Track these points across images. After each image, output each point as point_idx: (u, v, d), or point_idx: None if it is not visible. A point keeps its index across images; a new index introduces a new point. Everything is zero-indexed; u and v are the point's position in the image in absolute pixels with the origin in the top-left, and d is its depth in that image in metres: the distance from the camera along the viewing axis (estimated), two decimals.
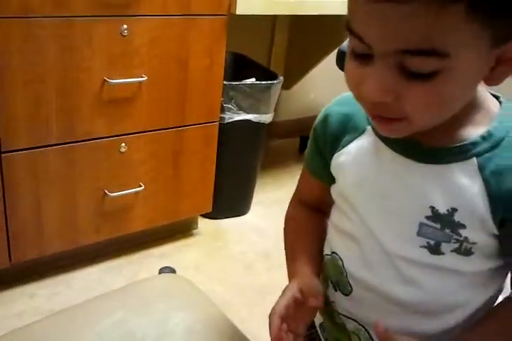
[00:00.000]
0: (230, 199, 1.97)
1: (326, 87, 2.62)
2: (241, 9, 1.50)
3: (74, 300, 1.19)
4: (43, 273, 1.58)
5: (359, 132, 0.65)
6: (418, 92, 0.49)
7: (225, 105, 1.72)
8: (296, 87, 2.49)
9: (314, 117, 0.72)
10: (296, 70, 2.46)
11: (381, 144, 0.62)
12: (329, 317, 0.72)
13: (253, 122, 1.82)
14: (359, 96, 0.54)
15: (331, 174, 0.69)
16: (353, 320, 0.68)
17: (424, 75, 0.48)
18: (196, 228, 1.91)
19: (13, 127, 1.29)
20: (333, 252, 0.70)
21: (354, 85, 0.54)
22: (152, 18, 1.39)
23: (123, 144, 1.48)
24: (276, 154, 2.55)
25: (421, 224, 0.59)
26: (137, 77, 1.42)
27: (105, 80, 1.37)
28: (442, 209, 0.57)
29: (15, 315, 1.43)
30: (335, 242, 0.70)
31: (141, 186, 1.57)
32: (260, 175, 2.06)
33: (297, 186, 0.80)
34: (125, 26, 1.35)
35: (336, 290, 0.69)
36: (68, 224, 1.49)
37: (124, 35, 1.36)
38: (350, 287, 0.66)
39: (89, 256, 1.66)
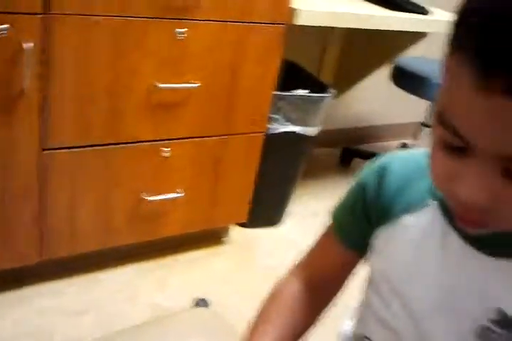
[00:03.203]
0: (265, 210, 1.92)
1: (374, 99, 2.56)
2: (303, 20, 1.45)
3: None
4: (72, 271, 1.56)
5: (419, 205, 0.56)
6: None
7: (272, 115, 1.67)
8: (343, 97, 2.43)
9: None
10: (346, 81, 2.40)
11: (449, 228, 0.53)
12: None
13: (298, 134, 1.77)
14: (448, 193, 0.46)
15: (367, 243, 0.60)
16: None
17: None
18: (227, 236, 1.87)
19: (58, 125, 1.27)
20: (365, 337, 0.62)
21: (443, 179, 0.46)
22: (210, 23, 1.35)
23: (166, 149, 1.44)
24: (317, 164, 2.48)
25: (482, 327, 0.51)
26: (188, 83, 1.38)
27: (154, 84, 1.33)
28: None
29: (37, 311, 1.40)
30: (369, 327, 0.61)
31: (179, 192, 1.53)
32: (298, 186, 2.01)
33: (308, 252, 0.68)
34: (181, 30, 1.31)
35: None
36: (101, 224, 1.47)
37: (180, 39, 1.32)
38: None
39: (118, 257, 1.63)
